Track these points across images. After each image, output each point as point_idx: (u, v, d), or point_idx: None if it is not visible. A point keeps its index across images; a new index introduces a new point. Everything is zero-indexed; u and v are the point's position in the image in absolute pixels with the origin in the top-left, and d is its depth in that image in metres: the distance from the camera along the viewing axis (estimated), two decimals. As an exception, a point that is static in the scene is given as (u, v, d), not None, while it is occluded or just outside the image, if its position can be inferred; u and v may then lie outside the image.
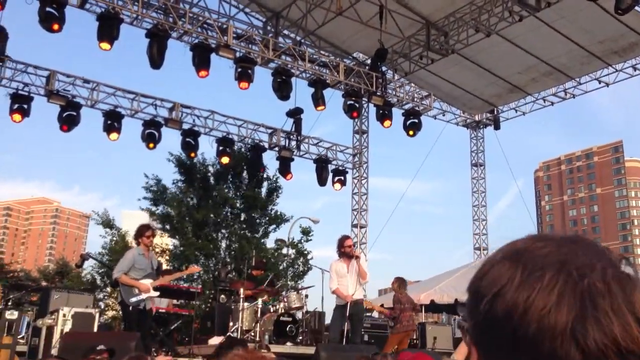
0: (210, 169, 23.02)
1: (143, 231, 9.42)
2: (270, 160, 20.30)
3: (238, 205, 23.01)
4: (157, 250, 20.68)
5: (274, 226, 23.98)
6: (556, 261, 0.79)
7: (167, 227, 22.82)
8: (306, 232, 24.60)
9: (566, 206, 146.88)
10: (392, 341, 11.38)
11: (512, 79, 20.17)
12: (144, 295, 8.97)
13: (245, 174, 22.90)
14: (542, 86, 20.71)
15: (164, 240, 24.28)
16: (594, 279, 0.76)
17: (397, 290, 11.77)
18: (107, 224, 24.21)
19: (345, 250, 9.95)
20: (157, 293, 9.17)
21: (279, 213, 23.86)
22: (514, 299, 0.78)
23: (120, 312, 22.99)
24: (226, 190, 22.97)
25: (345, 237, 10.36)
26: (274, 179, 23.33)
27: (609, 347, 0.72)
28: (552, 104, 21.55)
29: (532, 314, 0.76)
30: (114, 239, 24.33)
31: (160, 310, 12.05)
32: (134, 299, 8.97)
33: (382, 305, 13.81)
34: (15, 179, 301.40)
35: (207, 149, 23.15)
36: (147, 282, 9.04)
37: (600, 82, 20.03)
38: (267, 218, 23.71)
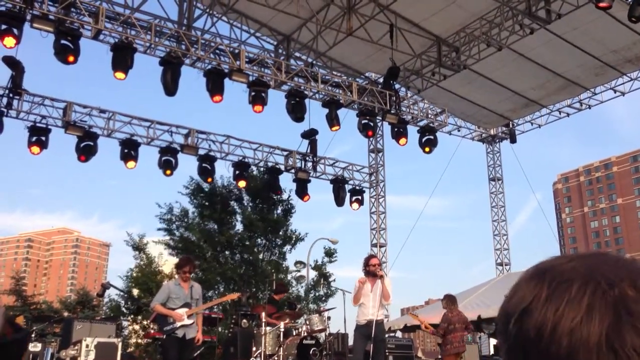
0: (231, 192, 23.08)
1: (182, 265, 9.56)
2: (287, 183, 20.34)
3: (260, 229, 22.95)
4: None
5: (289, 246, 23.89)
6: (583, 273, 0.76)
7: (191, 258, 22.83)
8: (329, 253, 24.34)
9: (587, 218, 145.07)
10: None
11: (527, 93, 20.10)
12: (177, 324, 9.04)
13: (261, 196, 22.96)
14: (557, 98, 20.61)
15: None
16: (624, 286, 0.73)
17: (447, 309, 11.54)
18: (138, 247, 24.41)
19: (370, 269, 9.87)
20: (191, 321, 9.19)
21: (293, 231, 23.82)
22: (543, 314, 0.75)
23: (143, 340, 23.16)
24: (251, 214, 22.97)
25: (371, 256, 10.34)
26: (287, 199, 23.35)
27: None
28: (568, 115, 21.41)
29: (562, 328, 0.72)
30: (143, 262, 24.47)
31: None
32: (167, 328, 9.09)
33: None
34: (36, 211, 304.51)
35: (223, 173, 23.27)
36: (182, 311, 9.08)
37: (615, 91, 19.91)
38: (282, 239, 23.64)
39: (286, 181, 19.96)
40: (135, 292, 22.52)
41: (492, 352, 17.15)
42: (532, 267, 0.84)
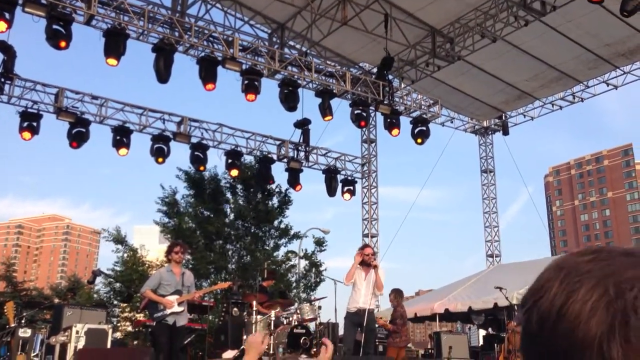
0: (222, 181, 23.04)
1: (171, 248, 9.54)
2: (279, 172, 20.31)
3: (250, 218, 22.96)
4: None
5: (284, 240, 23.86)
6: (596, 274, 0.77)
7: (179, 241, 22.78)
8: (319, 242, 24.40)
9: (577, 211, 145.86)
10: (393, 353, 11.38)
11: (520, 85, 20.12)
12: (167, 311, 9.01)
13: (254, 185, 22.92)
14: (550, 91, 20.64)
15: None
16: (631, 297, 0.73)
17: (398, 304, 11.76)
18: (118, 240, 24.23)
19: (364, 259, 9.88)
20: (182, 309, 9.18)
21: (288, 226, 23.80)
22: (547, 309, 0.78)
23: (133, 328, 23.13)
24: (240, 202, 22.97)
25: (365, 246, 10.41)
26: (285, 191, 23.31)
27: None
28: (561, 108, 21.47)
29: (564, 324, 0.75)
30: (126, 254, 24.35)
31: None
32: (157, 315, 9.06)
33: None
34: (27, 198, 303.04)
35: (216, 162, 23.25)
36: (173, 298, 9.06)
37: (608, 84, 19.94)
38: (278, 231, 23.61)
39: (278, 171, 19.93)
40: (118, 285, 22.26)
41: (481, 342, 17.24)
42: (558, 257, 0.86)
